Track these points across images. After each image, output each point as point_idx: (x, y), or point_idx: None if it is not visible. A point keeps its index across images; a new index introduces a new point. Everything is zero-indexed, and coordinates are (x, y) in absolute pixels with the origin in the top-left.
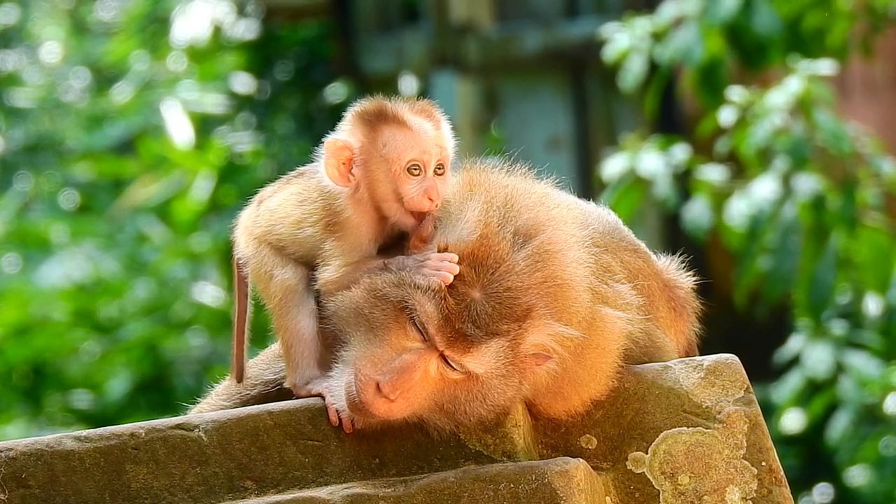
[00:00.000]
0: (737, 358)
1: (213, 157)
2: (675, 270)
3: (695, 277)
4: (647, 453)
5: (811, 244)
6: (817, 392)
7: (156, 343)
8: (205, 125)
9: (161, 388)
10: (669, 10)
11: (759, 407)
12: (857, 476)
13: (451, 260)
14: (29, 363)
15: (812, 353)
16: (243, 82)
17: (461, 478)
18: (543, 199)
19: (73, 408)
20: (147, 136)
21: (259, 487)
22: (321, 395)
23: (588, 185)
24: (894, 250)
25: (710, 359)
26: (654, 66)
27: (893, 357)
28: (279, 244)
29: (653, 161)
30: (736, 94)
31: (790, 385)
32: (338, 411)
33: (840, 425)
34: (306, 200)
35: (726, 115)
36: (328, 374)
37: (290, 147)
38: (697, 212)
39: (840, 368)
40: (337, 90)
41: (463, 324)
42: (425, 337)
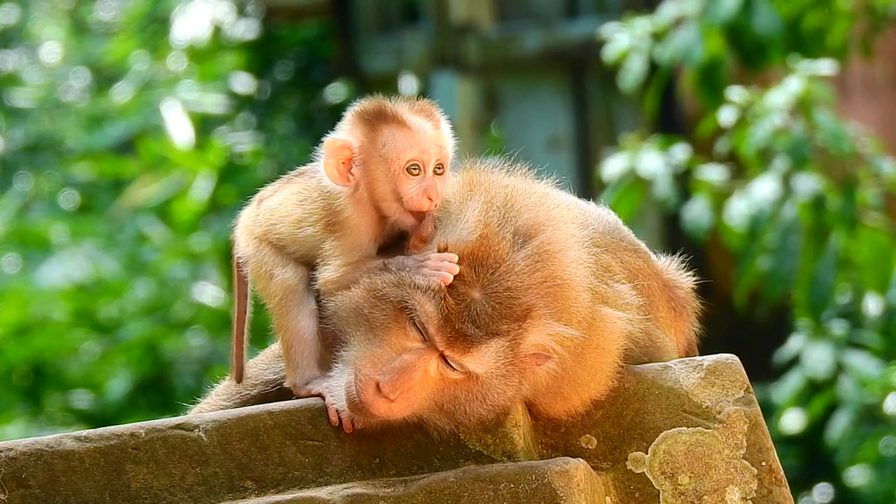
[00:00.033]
0: (737, 358)
1: (213, 157)
2: (675, 270)
3: (695, 277)
4: (647, 453)
5: (811, 244)
6: (817, 392)
7: (156, 343)
8: (205, 125)
9: (161, 388)
10: (669, 10)
11: (759, 407)
12: (857, 476)
13: (451, 260)
14: (29, 363)
15: (812, 353)
16: (243, 82)
17: (461, 478)
18: (543, 199)
19: (73, 408)
20: (147, 136)
21: (259, 487)
22: (321, 395)
23: (588, 185)
24: (894, 250)
25: (710, 359)
26: (654, 66)
27: (893, 357)
28: (280, 243)
29: (653, 161)
30: (736, 94)
31: (790, 385)
32: (338, 411)
33: (840, 425)
34: (307, 200)
35: (726, 115)
36: (328, 374)
37: (290, 147)
38: (697, 212)
39: (840, 368)
40: (337, 90)
41: (463, 324)
42: (425, 337)
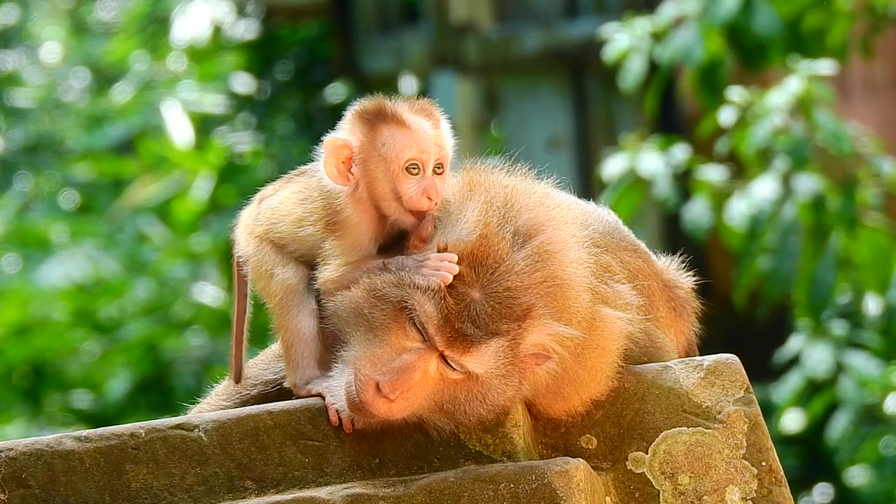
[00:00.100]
0: (737, 358)
1: (213, 157)
2: (675, 270)
3: (695, 277)
4: (647, 453)
5: (811, 244)
6: (817, 392)
7: (156, 343)
8: (205, 125)
9: (161, 388)
10: (669, 10)
11: (759, 407)
12: (857, 476)
13: (451, 260)
14: (29, 363)
15: (812, 353)
16: (243, 82)
17: (461, 478)
18: (543, 199)
19: (73, 408)
20: (147, 136)
21: (259, 487)
22: (321, 395)
23: (588, 185)
24: (894, 250)
25: (710, 359)
26: (654, 66)
27: (893, 357)
28: (280, 242)
29: (653, 161)
30: (736, 94)
31: (790, 385)
32: (338, 411)
33: (840, 425)
34: (307, 199)
35: (726, 115)
36: (328, 374)
37: (290, 147)
38: (697, 212)
39: (840, 368)
40: (337, 90)
41: (463, 324)
42: (425, 337)
